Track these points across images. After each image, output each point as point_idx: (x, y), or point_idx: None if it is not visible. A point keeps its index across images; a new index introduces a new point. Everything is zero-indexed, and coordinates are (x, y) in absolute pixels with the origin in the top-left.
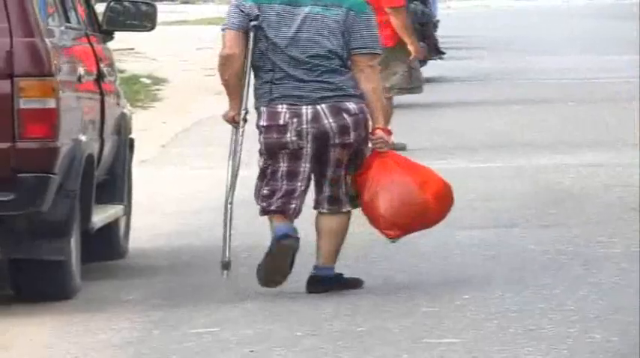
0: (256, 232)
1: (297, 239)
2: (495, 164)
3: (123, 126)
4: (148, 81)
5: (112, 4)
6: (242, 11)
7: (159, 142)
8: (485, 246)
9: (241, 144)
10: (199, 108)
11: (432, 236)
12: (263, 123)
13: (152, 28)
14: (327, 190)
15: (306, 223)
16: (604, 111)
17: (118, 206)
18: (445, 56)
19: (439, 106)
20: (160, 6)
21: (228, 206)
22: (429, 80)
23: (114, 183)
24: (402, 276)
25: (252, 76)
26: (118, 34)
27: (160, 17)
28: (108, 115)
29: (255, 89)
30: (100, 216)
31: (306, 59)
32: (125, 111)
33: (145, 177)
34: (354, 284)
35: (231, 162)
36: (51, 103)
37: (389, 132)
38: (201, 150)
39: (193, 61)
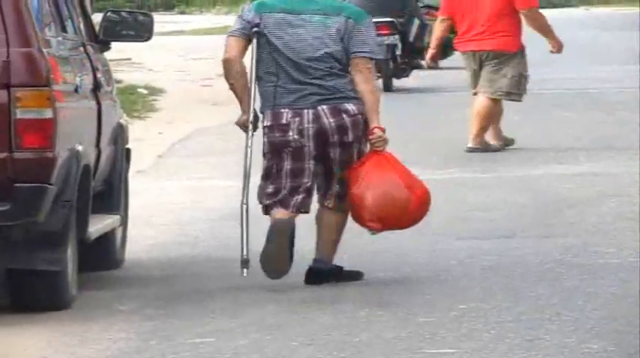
0: (251, 241)
1: (293, 225)
2: (493, 174)
3: (119, 137)
4: (144, 91)
5: (108, 14)
6: (244, 20)
7: (155, 152)
8: (482, 256)
9: (251, 147)
10: (196, 119)
11: (429, 246)
12: (267, 123)
13: (149, 38)
14: (335, 188)
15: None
16: (601, 120)
17: (114, 216)
18: (442, 66)
19: (436, 116)
20: (156, 16)
21: (243, 206)
22: (424, 90)
23: (110, 193)
24: (398, 286)
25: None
26: (114, 44)
27: (157, 27)
28: (104, 125)
29: (261, 93)
30: (97, 226)
31: (307, 63)
32: (122, 121)
33: (141, 187)
34: (355, 276)
35: (244, 165)
36: (48, 113)
37: (383, 130)
38: (198, 160)
39: (190, 71)
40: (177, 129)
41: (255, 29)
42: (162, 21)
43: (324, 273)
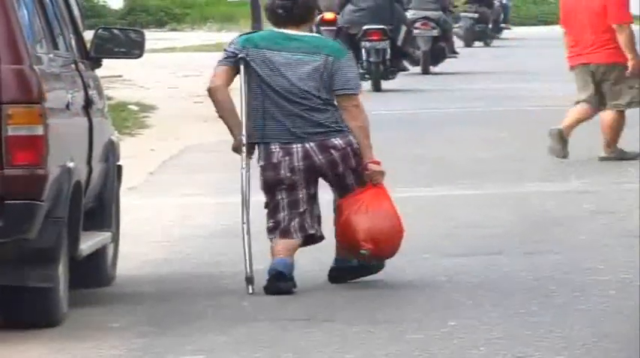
0: (241, 260)
1: (291, 281)
2: (481, 191)
3: (111, 153)
4: (135, 108)
5: (100, 31)
6: (229, 51)
7: (146, 169)
8: (471, 273)
9: (248, 169)
10: (187, 136)
11: (418, 263)
12: (261, 162)
13: (140, 55)
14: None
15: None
16: (589, 138)
17: (105, 233)
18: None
19: (424, 133)
20: (148, 33)
21: (244, 226)
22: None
23: (102, 210)
24: (389, 303)
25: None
26: (106, 61)
27: (148, 44)
28: (96, 142)
29: (251, 118)
30: (88, 243)
31: (291, 97)
32: (113, 138)
33: (132, 204)
34: (376, 268)
35: (241, 186)
36: (39, 130)
37: (378, 163)
38: (189, 177)
39: (181, 88)
40: (168, 146)
41: (240, 56)
42: (153, 38)
43: (345, 269)
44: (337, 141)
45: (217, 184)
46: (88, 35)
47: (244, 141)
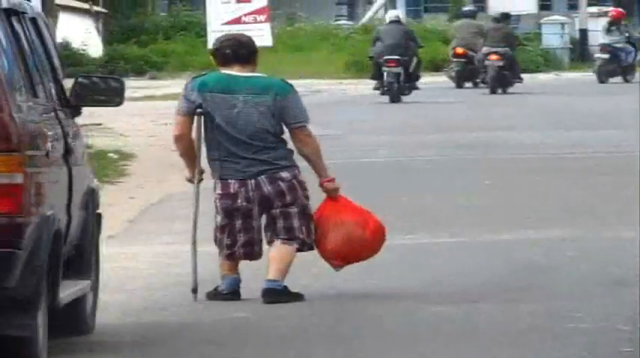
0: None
1: (238, 293)
2: (463, 239)
3: (90, 202)
4: (115, 156)
5: (79, 79)
6: (189, 99)
7: (126, 217)
8: (452, 321)
9: (198, 198)
10: (166, 184)
11: (399, 311)
12: (219, 191)
13: (120, 103)
14: (280, 233)
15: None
16: (571, 186)
17: (85, 281)
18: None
19: (407, 181)
20: (127, 81)
21: (192, 246)
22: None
23: (81, 259)
24: (366, 350)
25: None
26: (85, 109)
27: (128, 92)
28: (75, 190)
29: (209, 160)
30: (67, 292)
31: (244, 139)
32: (93, 185)
33: (112, 252)
34: (297, 297)
35: (193, 211)
36: (18, 179)
37: (333, 181)
38: (168, 225)
39: (161, 136)
40: (148, 194)
41: (199, 109)
42: (133, 86)
43: (278, 291)
44: (285, 174)
45: (197, 232)
46: (68, 83)
47: (198, 176)
